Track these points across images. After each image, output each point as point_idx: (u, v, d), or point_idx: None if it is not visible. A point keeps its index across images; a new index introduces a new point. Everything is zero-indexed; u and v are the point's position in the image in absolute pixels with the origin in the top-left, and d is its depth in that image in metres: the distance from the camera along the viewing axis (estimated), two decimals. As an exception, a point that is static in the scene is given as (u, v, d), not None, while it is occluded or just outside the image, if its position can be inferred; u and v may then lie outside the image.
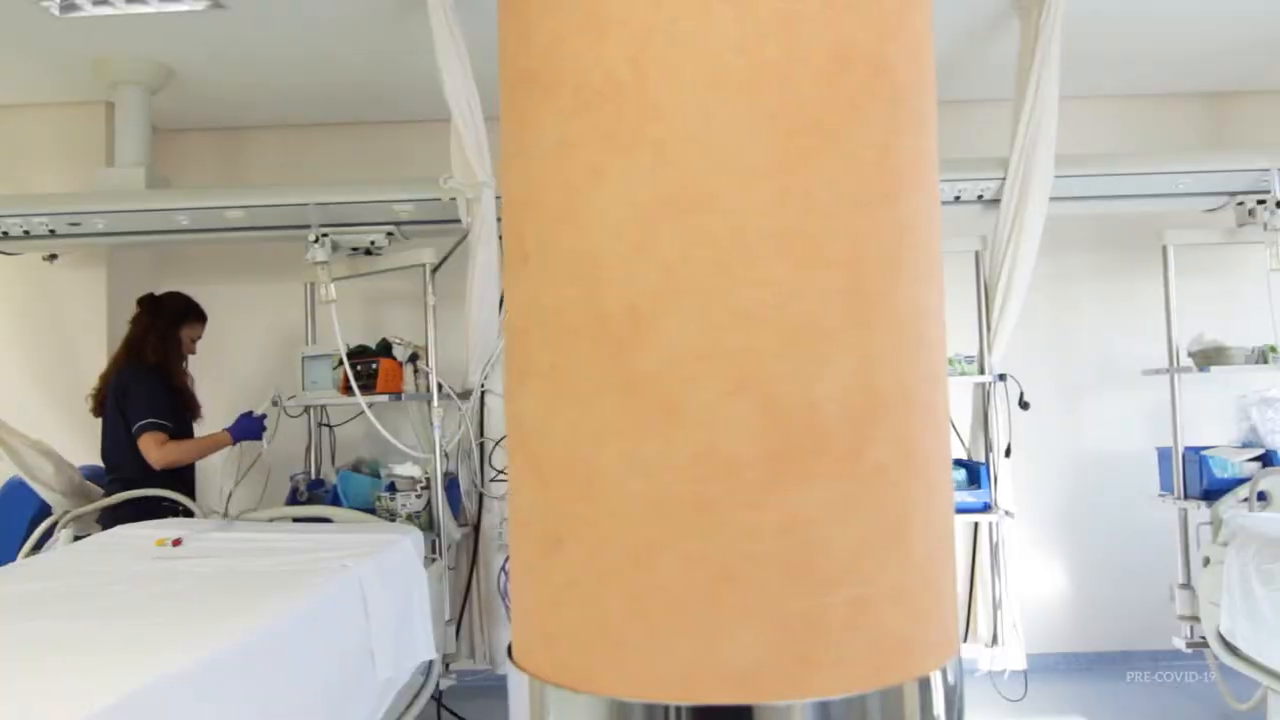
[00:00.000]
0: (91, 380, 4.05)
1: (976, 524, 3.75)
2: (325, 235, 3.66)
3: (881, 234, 0.80)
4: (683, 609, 0.76)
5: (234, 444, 3.60)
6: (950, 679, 0.80)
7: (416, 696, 3.15)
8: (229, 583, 2.53)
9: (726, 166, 0.77)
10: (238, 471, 3.82)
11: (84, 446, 4.02)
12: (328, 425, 4.19)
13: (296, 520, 3.58)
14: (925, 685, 0.78)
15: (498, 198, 3.56)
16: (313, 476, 4.04)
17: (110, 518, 3.50)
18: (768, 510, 0.76)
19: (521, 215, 0.86)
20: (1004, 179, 3.51)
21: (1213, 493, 3.61)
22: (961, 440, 3.85)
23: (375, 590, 2.71)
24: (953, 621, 0.83)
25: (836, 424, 0.78)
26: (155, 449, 3.41)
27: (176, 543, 2.98)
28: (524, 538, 0.86)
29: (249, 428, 3.61)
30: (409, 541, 3.14)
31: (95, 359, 4.13)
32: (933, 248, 0.84)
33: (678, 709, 0.76)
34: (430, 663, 3.20)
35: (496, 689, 4.11)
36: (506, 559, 3.28)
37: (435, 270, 3.62)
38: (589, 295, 0.80)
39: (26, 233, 3.69)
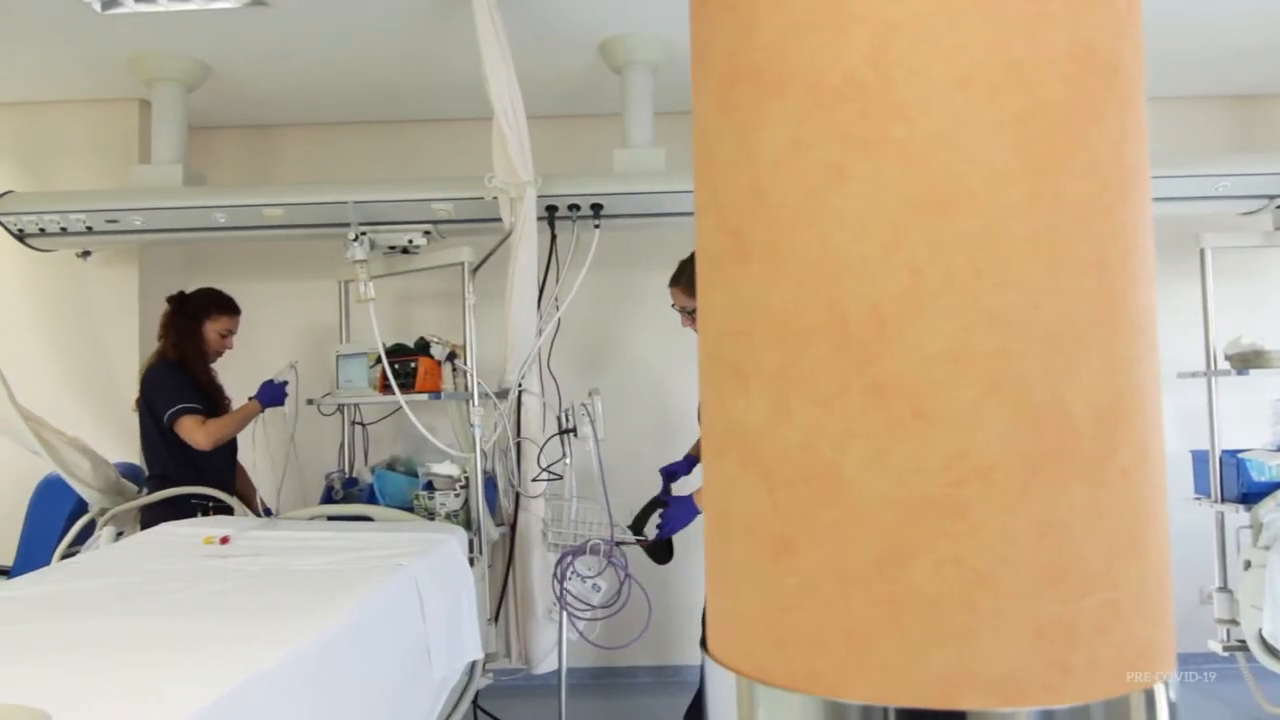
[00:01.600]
0: (123, 377, 4.04)
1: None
2: (364, 234, 3.65)
3: (1121, 236, 0.80)
4: (939, 614, 0.75)
5: (262, 410, 3.60)
6: (1171, 694, 0.80)
7: (462, 696, 3.14)
8: (287, 581, 2.52)
9: (977, 167, 0.77)
10: (269, 460, 3.81)
11: (117, 443, 4.01)
12: (360, 424, 4.18)
13: (331, 519, 3.57)
14: (1152, 697, 0.78)
15: (539, 197, 3.55)
16: (347, 475, 4.03)
17: (148, 516, 3.49)
18: (1023, 514, 0.76)
19: (743, 216, 0.85)
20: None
21: (1250, 496, 3.62)
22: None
23: (429, 589, 2.70)
24: (1173, 631, 0.83)
25: (1086, 427, 0.77)
26: (197, 430, 3.42)
27: (224, 540, 2.97)
28: (743, 539, 0.85)
29: (273, 394, 3.62)
30: (455, 540, 3.13)
31: (127, 356, 4.12)
32: (1152, 250, 0.84)
33: (897, 711, 0.76)
34: (473, 662, 3.19)
35: (527, 689, 4.11)
36: (560, 560, 3.27)
37: (476, 270, 3.61)
38: (828, 296, 0.79)
39: (64, 229, 3.67)
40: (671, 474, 3.50)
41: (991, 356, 0.76)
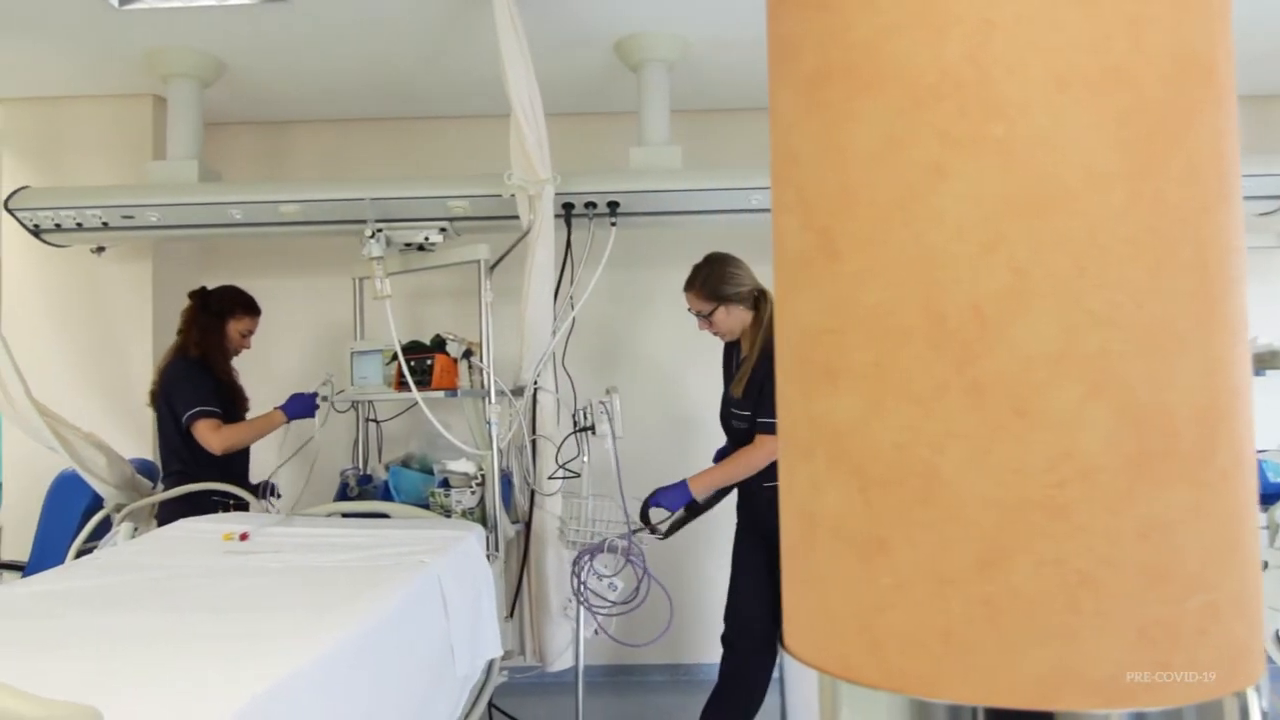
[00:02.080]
0: (137, 373, 4.03)
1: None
2: (380, 231, 3.63)
3: (1219, 237, 0.80)
4: (1040, 615, 0.76)
5: (288, 422, 3.59)
6: (1264, 700, 0.80)
7: (480, 694, 3.14)
8: (312, 578, 2.52)
9: (1078, 167, 0.77)
10: (279, 454, 3.81)
11: (131, 440, 4.00)
12: (374, 420, 4.17)
13: (345, 515, 3.57)
14: (1245, 701, 0.78)
15: (557, 194, 3.55)
16: (361, 472, 4.02)
17: (165, 511, 3.49)
18: (1126, 515, 0.76)
19: (833, 215, 0.85)
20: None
21: (1267, 497, 3.62)
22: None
23: (451, 586, 2.70)
24: (1263, 635, 0.83)
25: (1187, 428, 0.77)
26: (212, 434, 3.40)
27: (244, 537, 2.97)
28: (831, 539, 0.85)
29: (303, 404, 3.60)
30: (474, 537, 3.13)
31: (141, 352, 4.11)
32: (1244, 253, 0.84)
33: (986, 710, 0.76)
34: (491, 660, 3.19)
35: (540, 686, 4.10)
36: (579, 558, 3.27)
37: (494, 267, 3.60)
38: (925, 295, 0.79)
39: (80, 225, 3.66)
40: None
41: (1094, 357, 0.76)
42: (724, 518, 3.52)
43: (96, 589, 2.34)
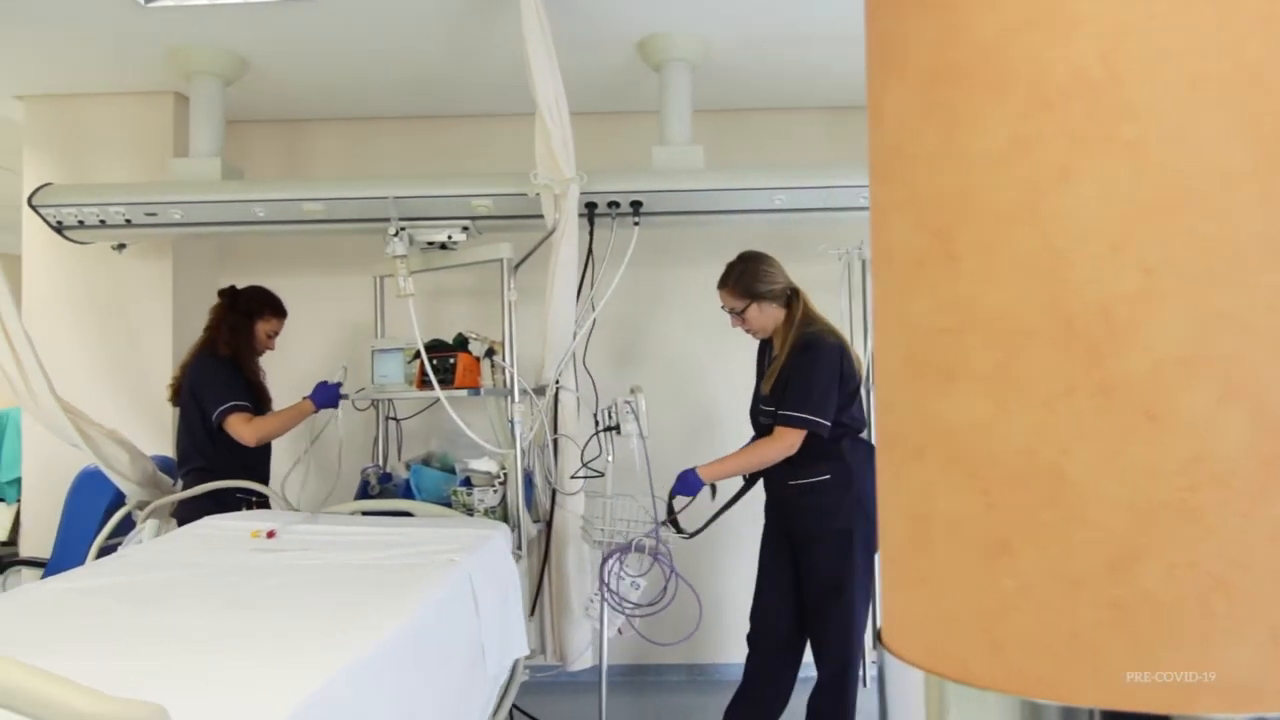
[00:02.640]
0: (157, 370, 4.02)
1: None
2: (403, 229, 3.63)
3: None
4: (1172, 618, 0.75)
5: (316, 410, 3.59)
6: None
7: (505, 693, 3.13)
8: (344, 576, 2.52)
9: (1210, 168, 0.77)
10: (310, 435, 3.83)
11: (151, 437, 4.00)
12: (394, 419, 4.17)
13: (365, 514, 3.56)
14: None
15: (581, 194, 3.54)
16: (382, 470, 4.01)
17: (185, 510, 3.48)
18: (1258, 518, 0.76)
19: (951, 215, 0.85)
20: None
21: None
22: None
23: (482, 585, 2.70)
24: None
25: None
26: (244, 427, 3.41)
27: (270, 535, 2.96)
28: (946, 541, 0.85)
29: (329, 395, 3.61)
30: (500, 536, 3.13)
31: (161, 350, 4.10)
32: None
33: (1103, 713, 0.75)
34: (515, 659, 3.18)
35: (558, 685, 4.11)
36: (608, 557, 3.26)
37: (518, 266, 3.60)
38: (1052, 296, 0.79)
39: (102, 222, 3.65)
40: None
41: (1226, 359, 0.76)
42: (745, 517, 3.51)
43: (130, 586, 2.33)
